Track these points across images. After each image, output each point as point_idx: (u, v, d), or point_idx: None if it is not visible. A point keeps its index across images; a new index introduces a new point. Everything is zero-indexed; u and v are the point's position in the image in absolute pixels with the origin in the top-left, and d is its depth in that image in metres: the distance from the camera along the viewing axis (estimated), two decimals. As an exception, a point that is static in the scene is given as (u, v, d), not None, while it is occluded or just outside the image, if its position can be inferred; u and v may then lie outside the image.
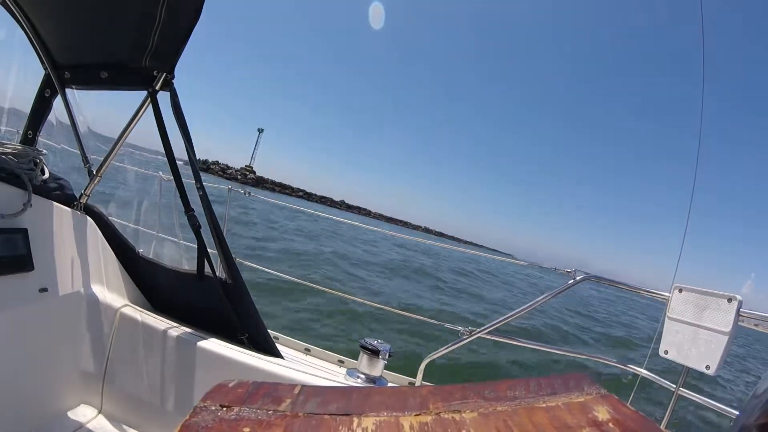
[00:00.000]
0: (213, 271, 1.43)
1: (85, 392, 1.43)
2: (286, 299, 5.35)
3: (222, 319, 1.41)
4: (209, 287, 1.43)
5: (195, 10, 1.21)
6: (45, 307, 1.29)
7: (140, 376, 1.38)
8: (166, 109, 1.36)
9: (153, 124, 1.38)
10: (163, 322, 1.41)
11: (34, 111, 1.49)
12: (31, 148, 1.37)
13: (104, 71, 1.37)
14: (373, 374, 1.52)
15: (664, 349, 1.51)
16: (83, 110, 1.53)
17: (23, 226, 1.21)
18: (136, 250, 1.58)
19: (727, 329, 1.33)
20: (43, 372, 1.31)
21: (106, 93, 1.49)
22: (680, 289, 1.50)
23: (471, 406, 0.21)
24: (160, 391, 1.35)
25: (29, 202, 1.22)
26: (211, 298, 1.42)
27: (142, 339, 1.39)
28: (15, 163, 1.25)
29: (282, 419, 0.20)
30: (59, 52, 1.39)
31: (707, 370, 1.37)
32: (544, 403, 0.22)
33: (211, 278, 1.42)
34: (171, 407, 1.33)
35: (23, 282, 1.05)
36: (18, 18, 1.33)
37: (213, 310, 1.43)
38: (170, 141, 1.39)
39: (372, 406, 0.21)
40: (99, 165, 1.54)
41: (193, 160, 1.38)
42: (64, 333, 1.38)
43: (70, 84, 1.45)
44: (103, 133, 1.57)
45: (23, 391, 1.24)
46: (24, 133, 1.49)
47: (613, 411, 0.21)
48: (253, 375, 1.22)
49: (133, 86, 1.39)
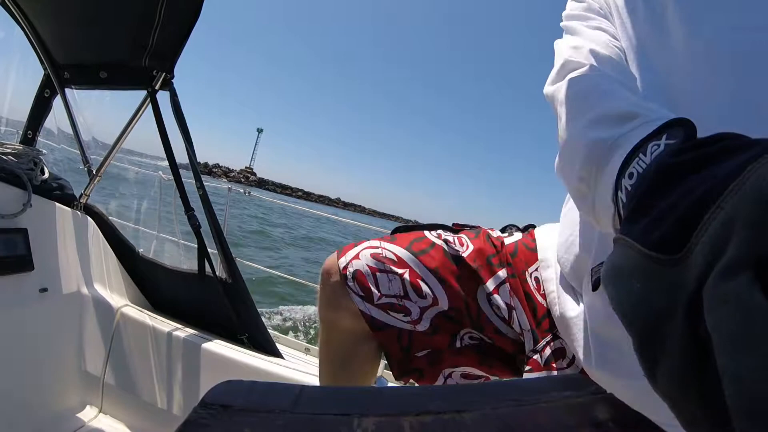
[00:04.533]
0: (213, 270, 1.43)
1: (85, 392, 1.43)
2: (284, 302, 5.36)
3: (222, 319, 1.41)
4: (209, 287, 1.43)
5: (194, 10, 1.21)
6: (45, 307, 1.29)
7: (140, 376, 1.38)
8: (166, 109, 1.36)
9: (152, 125, 1.38)
10: (163, 322, 1.41)
11: (34, 111, 1.49)
12: (31, 148, 1.37)
13: (104, 71, 1.37)
14: (373, 374, 1.52)
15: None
16: (83, 110, 1.54)
17: (23, 226, 1.21)
18: (136, 250, 1.58)
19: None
20: (43, 372, 1.31)
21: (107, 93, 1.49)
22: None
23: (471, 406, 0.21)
24: (160, 391, 1.35)
25: (29, 202, 1.22)
26: (211, 297, 1.42)
27: (143, 339, 1.39)
28: (15, 163, 1.25)
29: (282, 419, 0.20)
30: (59, 52, 1.39)
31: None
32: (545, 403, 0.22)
33: (211, 278, 1.42)
34: (171, 407, 1.33)
35: (23, 282, 1.05)
36: (17, 18, 1.33)
37: (213, 310, 1.44)
38: (170, 141, 1.39)
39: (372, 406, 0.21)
40: (99, 165, 1.54)
41: (193, 159, 1.38)
42: (64, 333, 1.38)
43: (70, 84, 1.45)
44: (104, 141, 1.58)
45: (23, 391, 1.24)
46: (24, 133, 1.49)
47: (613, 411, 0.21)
48: (253, 375, 1.22)
49: (132, 86, 1.40)
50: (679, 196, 0.21)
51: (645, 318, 0.20)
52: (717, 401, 0.16)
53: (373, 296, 0.68)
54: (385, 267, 0.69)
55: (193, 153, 1.36)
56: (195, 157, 1.38)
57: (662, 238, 0.21)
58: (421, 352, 0.70)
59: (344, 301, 0.69)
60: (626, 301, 0.22)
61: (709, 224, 0.18)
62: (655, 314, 0.19)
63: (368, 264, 0.69)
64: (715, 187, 0.19)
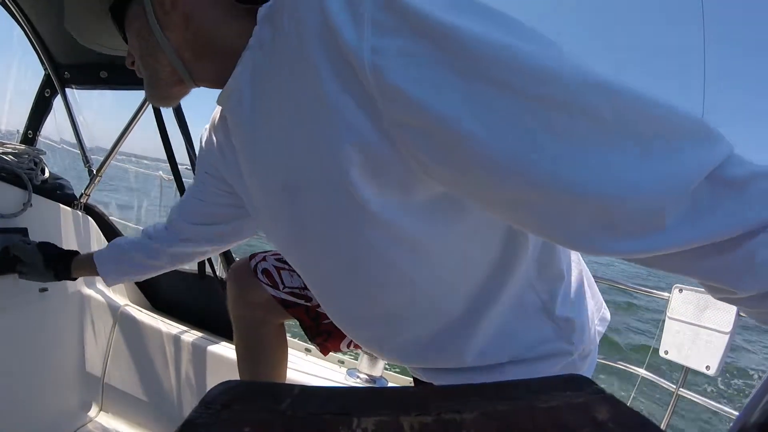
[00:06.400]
0: (213, 270, 1.43)
1: (85, 392, 1.43)
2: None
3: (222, 319, 1.41)
4: (210, 287, 1.43)
5: None
6: (45, 307, 1.29)
7: (140, 376, 1.38)
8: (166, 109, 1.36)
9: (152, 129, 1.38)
10: (163, 321, 1.41)
11: (34, 111, 1.49)
12: (31, 148, 1.37)
13: (104, 71, 1.37)
14: (373, 374, 1.52)
15: (664, 349, 1.51)
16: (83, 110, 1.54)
17: (23, 226, 1.21)
18: None
19: (727, 329, 1.33)
20: (43, 372, 1.31)
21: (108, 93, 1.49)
22: (680, 289, 1.50)
23: (471, 406, 0.21)
24: (160, 390, 1.35)
25: (29, 201, 1.22)
26: (212, 297, 1.42)
27: (143, 339, 1.39)
28: (15, 163, 1.25)
29: (282, 419, 0.20)
30: (59, 52, 1.39)
31: (707, 371, 1.37)
32: (545, 403, 0.22)
33: (212, 278, 1.42)
34: (171, 407, 1.33)
35: (23, 282, 1.05)
36: (18, 18, 1.32)
37: (213, 310, 1.44)
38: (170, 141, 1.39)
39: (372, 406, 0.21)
40: (99, 165, 1.54)
41: (194, 159, 1.38)
42: (64, 333, 1.38)
43: (70, 83, 1.45)
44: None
45: (23, 391, 1.24)
46: (24, 132, 1.49)
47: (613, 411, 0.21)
48: (253, 375, 1.22)
49: (133, 86, 1.39)
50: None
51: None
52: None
53: (279, 286, 0.84)
54: (287, 266, 0.85)
55: (194, 153, 1.36)
56: (195, 157, 1.38)
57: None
58: (327, 320, 0.85)
59: (253, 294, 0.85)
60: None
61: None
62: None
63: (273, 264, 0.86)
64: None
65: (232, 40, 0.48)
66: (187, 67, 0.53)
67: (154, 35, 0.50)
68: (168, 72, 0.53)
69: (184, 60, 0.52)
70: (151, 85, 0.56)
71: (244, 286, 0.87)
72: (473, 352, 0.53)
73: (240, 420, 0.19)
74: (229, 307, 0.92)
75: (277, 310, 0.85)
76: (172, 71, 0.53)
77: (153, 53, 0.52)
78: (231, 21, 0.49)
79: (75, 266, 0.97)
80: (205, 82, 0.55)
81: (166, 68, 0.53)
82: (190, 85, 0.56)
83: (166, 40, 0.50)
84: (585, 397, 0.22)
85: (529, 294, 0.52)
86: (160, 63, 0.53)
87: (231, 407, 0.20)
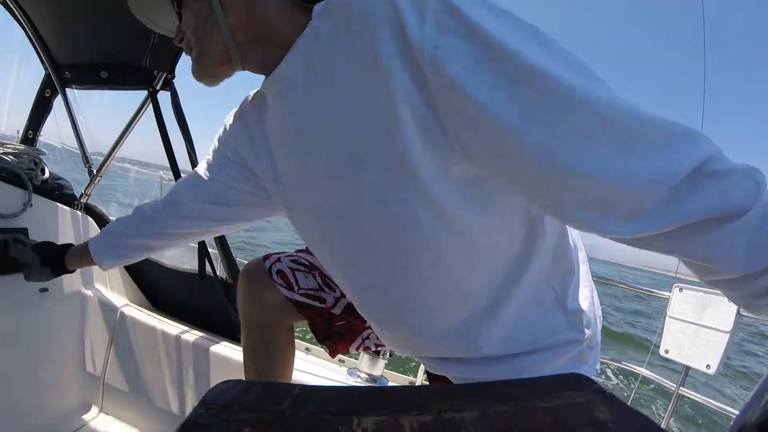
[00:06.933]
0: (213, 270, 1.43)
1: (85, 392, 1.43)
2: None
3: (222, 319, 1.41)
4: (210, 287, 1.43)
5: None
6: (45, 307, 1.29)
7: (140, 375, 1.38)
8: (167, 109, 1.36)
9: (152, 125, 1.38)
10: (163, 321, 1.41)
11: (34, 111, 1.49)
12: (31, 148, 1.37)
13: (104, 71, 1.36)
14: (373, 374, 1.52)
15: (664, 348, 1.51)
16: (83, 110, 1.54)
17: (23, 226, 1.21)
18: None
19: (727, 328, 1.33)
20: (44, 372, 1.31)
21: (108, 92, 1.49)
22: (681, 288, 1.50)
23: (472, 406, 0.21)
24: (160, 390, 1.35)
25: (29, 202, 1.22)
26: (212, 297, 1.42)
27: (143, 339, 1.39)
28: (15, 163, 1.25)
29: (282, 419, 0.20)
30: (59, 52, 1.39)
31: (708, 370, 1.37)
32: (545, 403, 0.22)
33: (212, 278, 1.42)
34: (171, 407, 1.33)
35: (23, 282, 1.05)
36: (18, 17, 1.32)
37: (214, 310, 1.44)
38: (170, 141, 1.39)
39: (372, 406, 0.21)
40: (99, 165, 1.54)
41: (194, 159, 1.38)
42: (64, 333, 1.38)
43: (71, 83, 1.45)
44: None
45: (23, 391, 1.24)
46: (24, 132, 1.49)
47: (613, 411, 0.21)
48: (254, 375, 1.22)
49: (133, 86, 1.39)
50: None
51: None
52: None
53: (294, 287, 0.85)
54: (302, 268, 0.87)
55: (194, 153, 1.36)
56: (196, 157, 1.38)
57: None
58: (340, 322, 0.86)
59: (266, 294, 0.86)
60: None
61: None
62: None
63: (288, 266, 0.86)
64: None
65: (286, 31, 0.53)
66: (239, 49, 0.55)
67: (214, 13, 0.52)
68: (220, 51, 0.56)
69: (237, 42, 0.55)
70: (200, 62, 0.58)
71: (258, 287, 0.87)
72: (493, 341, 0.56)
73: (240, 420, 0.19)
74: (239, 305, 0.92)
75: (290, 311, 0.85)
76: (225, 51, 0.55)
77: (209, 31, 0.54)
78: (290, 13, 0.53)
79: (70, 258, 0.96)
80: (252, 66, 0.58)
81: (219, 47, 0.55)
82: (237, 66, 0.58)
83: (225, 20, 0.53)
84: (585, 396, 0.22)
85: (545, 285, 0.56)
86: (215, 40, 0.55)
87: (231, 407, 0.20)
